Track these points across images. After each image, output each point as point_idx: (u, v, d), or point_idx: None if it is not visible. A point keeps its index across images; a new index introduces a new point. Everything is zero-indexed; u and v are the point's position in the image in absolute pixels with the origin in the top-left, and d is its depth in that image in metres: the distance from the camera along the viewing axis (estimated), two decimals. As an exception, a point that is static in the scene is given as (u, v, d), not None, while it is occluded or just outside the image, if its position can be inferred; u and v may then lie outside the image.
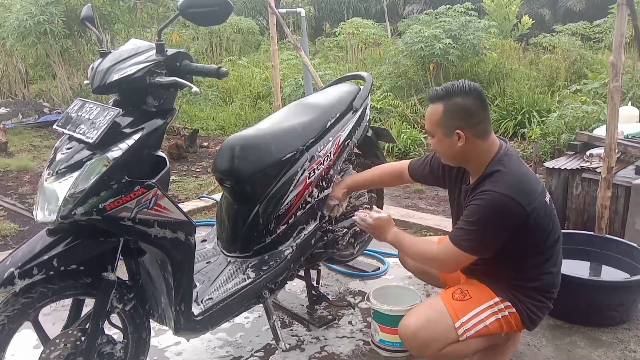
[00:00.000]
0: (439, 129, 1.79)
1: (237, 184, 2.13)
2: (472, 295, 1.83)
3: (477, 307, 1.80)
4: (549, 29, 10.57)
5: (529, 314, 1.81)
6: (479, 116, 1.75)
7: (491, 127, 1.83)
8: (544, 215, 1.75)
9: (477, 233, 1.72)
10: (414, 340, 1.79)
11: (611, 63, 2.73)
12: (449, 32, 6.66)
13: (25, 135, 6.98)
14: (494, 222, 1.70)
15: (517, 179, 1.73)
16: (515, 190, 1.69)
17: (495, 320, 1.80)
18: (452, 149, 1.80)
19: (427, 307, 1.86)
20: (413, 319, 1.81)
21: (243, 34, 11.44)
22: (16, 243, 3.49)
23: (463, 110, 1.74)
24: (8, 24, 6.84)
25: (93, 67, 1.67)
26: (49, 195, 1.53)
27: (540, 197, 1.75)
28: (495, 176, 1.74)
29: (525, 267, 1.81)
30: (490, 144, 1.79)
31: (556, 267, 1.85)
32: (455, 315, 1.78)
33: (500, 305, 1.81)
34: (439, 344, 1.76)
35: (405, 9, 14.28)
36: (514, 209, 1.68)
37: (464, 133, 1.75)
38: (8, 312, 1.53)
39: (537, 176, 1.87)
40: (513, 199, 1.67)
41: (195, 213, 3.91)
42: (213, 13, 1.58)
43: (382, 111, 6.46)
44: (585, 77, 6.58)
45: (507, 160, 1.76)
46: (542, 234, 1.78)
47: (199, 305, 1.90)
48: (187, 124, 7.19)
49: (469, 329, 1.77)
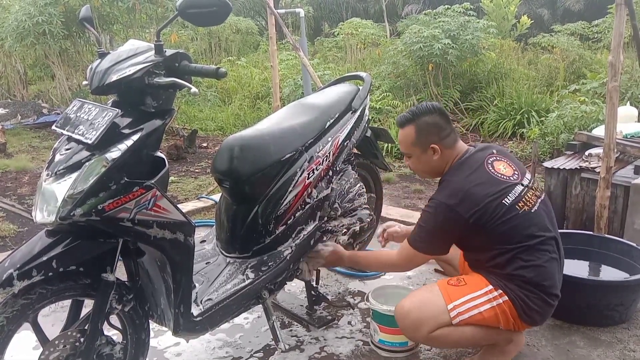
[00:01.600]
0: (416, 148, 2.00)
1: (236, 185, 2.13)
2: (467, 282, 1.92)
3: (471, 293, 1.87)
4: (548, 29, 10.58)
5: (521, 304, 1.84)
6: (447, 129, 1.97)
7: (457, 136, 2.03)
8: (496, 217, 1.83)
9: (427, 235, 1.95)
10: (407, 319, 1.89)
11: (610, 63, 2.74)
12: (448, 32, 6.66)
13: (24, 136, 6.97)
14: (438, 228, 1.92)
15: (460, 187, 1.87)
16: (451, 196, 1.87)
17: (489, 307, 1.84)
18: (429, 163, 2.00)
19: (423, 290, 2.01)
20: (408, 300, 1.94)
21: (242, 34, 11.44)
22: (15, 244, 3.49)
23: (433, 126, 1.95)
24: (7, 24, 6.83)
25: (92, 67, 1.66)
26: (48, 196, 1.53)
27: (492, 200, 1.83)
28: (442, 185, 1.96)
29: (502, 259, 1.86)
30: (457, 151, 1.99)
31: (539, 261, 1.86)
32: (449, 297, 1.86)
33: (494, 293, 1.85)
34: (430, 325, 1.83)
35: (404, 9, 14.26)
36: (452, 216, 1.86)
37: (438, 146, 1.96)
38: (7, 314, 1.53)
39: (500, 179, 1.89)
40: (451, 207, 1.85)
41: (195, 214, 3.91)
42: (212, 13, 1.58)
43: (381, 111, 6.46)
44: (584, 77, 6.58)
45: (458, 170, 1.93)
46: (498, 233, 1.84)
47: (198, 306, 1.90)
48: (186, 125, 7.19)
49: (462, 312, 1.83)
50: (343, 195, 2.41)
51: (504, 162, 1.95)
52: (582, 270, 2.71)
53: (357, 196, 2.52)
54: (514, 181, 1.90)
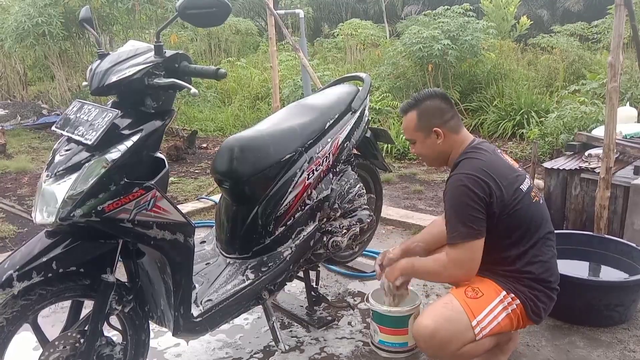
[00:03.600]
0: (419, 133, 1.96)
1: (236, 185, 2.13)
2: (483, 292, 1.85)
3: (490, 304, 1.82)
4: (548, 29, 10.59)
5: (530, 304, 1.84)
6: (450, 112, 1.94)
7: (462, 123, 1.99)
8: (516, 201, 1.81)
9: (457, 219, 1.79)
10: (432, 341, 1.77)
11: (609, 63, 2.74)
12: (448, 32, 6.66)
13: (24, 137, 6.97)
14: (461, 200, 1.79)
15: (479, 163, 1.84)
16: (475, 169, 1.81)
17: (505, 315, 1.82)
18: (433, 148, 1.96)
19: (443, 306, 1.83)
20: (430, 319, 1.79)
21: (242, 35, 11.45)
22: (15, 245, 3.49)
23: (435, 109, 1.93)
24: (6, 25, 6.83)
25: (91, 68, 1.67)
26: (48, 197, 1.53)
27: (511, 183, 1.82)
28: (459, 165, 1.89)
29: (516, 252, 1.85)
30: (462, 138, 1.95)
31: (545, 257, 1.87)
32: (472, 313, 1.79)
33: (508, 299, 1.83)
34: (457, 344, 1.77)
35: (404, 10, 14.28)
36: (473, 182, 1.78)
37: (441, 130, 1.92)
38: (7, 315, 1.52)
39: (513, 167, 1.92)
40: (471, 175, 1.79)
41: (194, 214, 3.91)
42: (211, 14, 1.59)
43: (381, 112, 6.46)
44: (583, 78, 6.59)
45: (474, 151, 1.90)
46: (516, 219, 1.82)
47: (198, 307, 1.90)
48: (186, 125, 7.19)
49: (484, 327, 1.79)
50: (343, 196, 2.41)
51: (510, 158, 1.99)
52: (582, 270, 2.71)
53: (357, 197, 2.52)
54: (524, 173, 1.93)
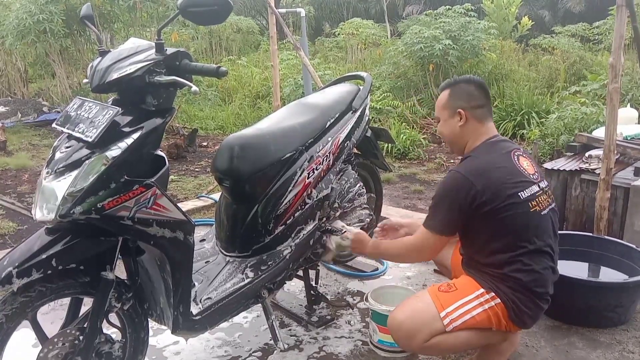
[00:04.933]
0: (445, 111, 2.00)
1: (236, 184, 2.13)
2: (458, 287, 1.89)
3: (462, 298, 1.84)
4: (549, 30, 10.60)
5: (513, 306, 1.83)
6: (479, 100, 1.95)
7: (491, 116, 2.00)
8: (508, 209, 1.80)
9: (436, 210, 1.90)
10: (400, 331, 1.85)
11: (610, 64, 2.74)
12: (449, 32, 6.67)
13: (24, 134, 6.97)
14: (447, 198, 1.87)
15: (479, 163, 1.87)
16: (470, 170, 1.84)
17: (482, 311, 1.82)
18: (454, 129, 1.98)
19: (414, 299, 1.95)
20: (399, 311, 1.89)
21: (243, 33, 11.45)
22: (15, 242, 3.49)
23: (465, 92, 1.96)
24: (7, 22, 6.83)
25: (92, 65, 1.67)
26: (48, 194, 1.53)
27: (507, 188, 1.82)
28: (464, 162, 1.94)
29: (503, 257, 1.84)
30: (485, 130, 1.96)
31: (538, 267, 1.84)
32: (441, 305, 1.83)
33: (485, 296, 1.84)
34: (424, 334, 1.81)
35: (405, 9, 14.28)
36: (464, 185, 1.82)
37: (464, 113, 1.94)
38: (6, 311, 1.53)
39: (522, 172, 1.89)
40: (463, 175, 1.83)
41: (194, 212, 3.90)
42: (213, 12, 1.58)
43: (382, 111, 6.46)
44: (584, 79, 6.59)
45: (484, 149, 1.92)
46: (506, 225, 1.82)
47: (197, 305, 1.90)
48: (186, 124, 7.19)
49: (455, 319, 1.80)
50: (343, 195, 2.41)
51: (528, 161, 1.97)
52: (582, 271, 2.70)
53: (357, 196, 2.52)
54: (533, 180, 1.90)
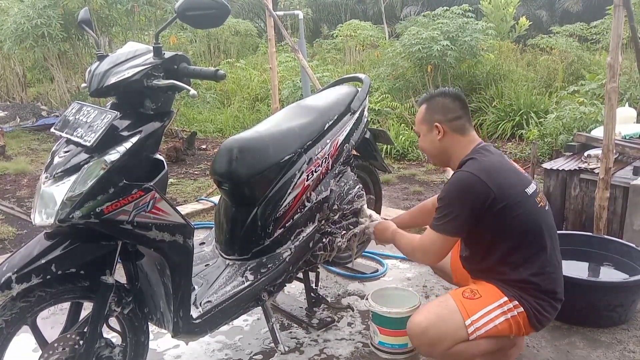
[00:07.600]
0: (423, 125, 1.99)
1: (235, 187, 2.13)
2: (482, 294, 1.84)
3: (487, 306, 1.80)
4: (547, 30, 10.60)
5: (535, 313, 1.82)
6: (456, 112, 1.93)
7: (472, 127, 1.98)
8: (520, 206, 1.79)
9: (446, 211, 1.82)
10: (423, 337, 1.79)
11: (608, 64, 2.74)
12: (447, 33, 6.67)
13: (23, 138, 6.97)
14: (458, 198, 1.81)
15: (487, 164, 1.83)
16: (481, 171, 1.80)
17: (504, 320, 1.80)
18: (433, 143, 1.97)
19: (437, 304, 1.86)
20: (423, 316, 1.81)
21: (241, 36, 11.46)
22: (14, 247, 3.49)
23: (441, 106, 1.95)
24: (6, 27, 6.83)
25: (91, 70, 1.66)
26: (47, 199, 1.53)
27: (516, 189, 1.82)
28: (467, 164, 1.87)
29: (518, 257, 1.83)
30: (469, 141, 1.94)
31: (552, 267, 1.86)
32: (466, 313, 1.78)
33: (509, 304, 1.81)
34: (448, 342, 1.76)
35: (403, 11, 14.29)
36: (476, 185, 1.78)
37: (442, 126, 1.93)
38: (6, 317, 1.52)
39: (521, 173, 1.91)
40: (476, 176, 1.78)
41: (194, 216, 3.90)
42: (210, 16, 1.59)
43: (380, 113, 6.46)
44: (582, 78, 6.59)
45: (483, 153, 1.88)
46: (519, 223, 1.80)
47: (197, 308, 1.89)
48: (185, 127, 7.19)
49: (479, 328, 1.77)
50: (342, 197, 2.41)
51: (515, 164, 1.98)
52: (582, 271, 2.70)
53: (356, 198, 2.52)
54: (529, 178, 1.92)
